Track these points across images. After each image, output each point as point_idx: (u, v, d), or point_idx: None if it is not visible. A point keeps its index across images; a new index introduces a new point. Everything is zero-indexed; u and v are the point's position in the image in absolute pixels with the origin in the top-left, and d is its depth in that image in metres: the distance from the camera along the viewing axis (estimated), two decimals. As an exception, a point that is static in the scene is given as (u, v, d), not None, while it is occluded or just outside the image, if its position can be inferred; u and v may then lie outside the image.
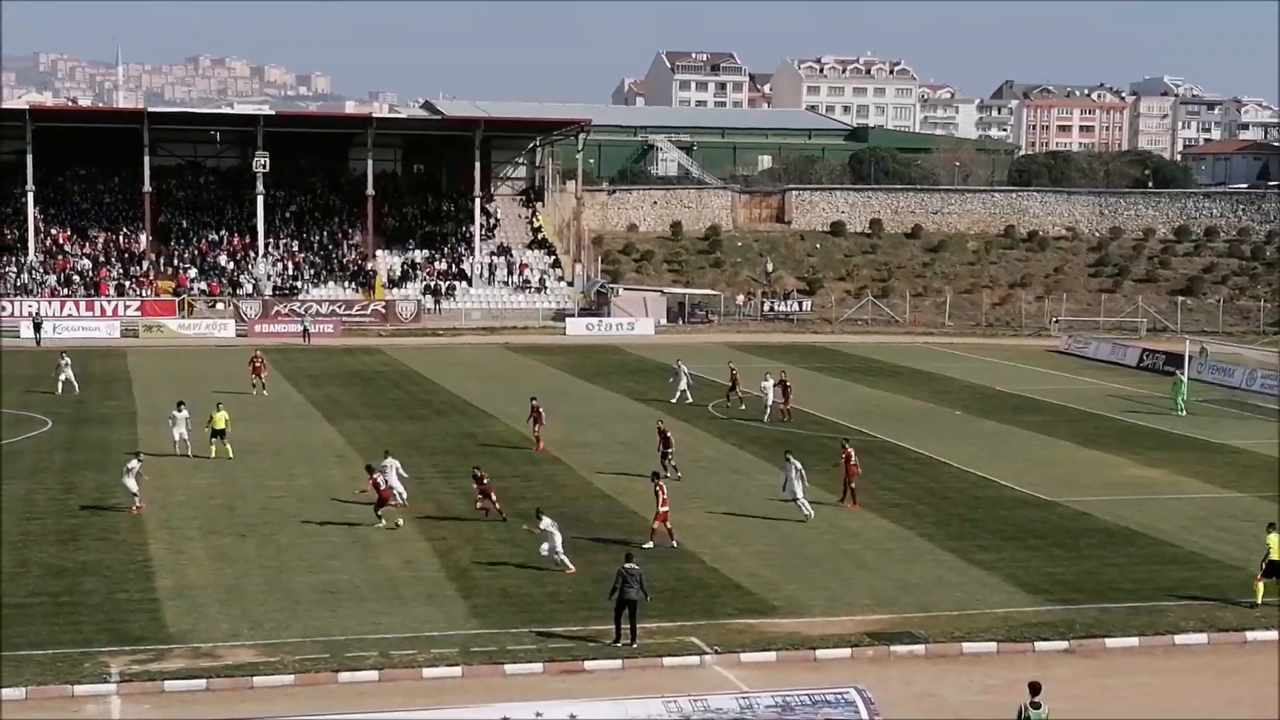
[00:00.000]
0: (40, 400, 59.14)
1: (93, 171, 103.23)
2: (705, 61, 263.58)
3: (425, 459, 47.89)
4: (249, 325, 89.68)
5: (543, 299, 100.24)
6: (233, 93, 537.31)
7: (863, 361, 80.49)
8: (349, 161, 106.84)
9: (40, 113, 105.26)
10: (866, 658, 28.82)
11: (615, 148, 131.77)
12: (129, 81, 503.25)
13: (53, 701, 25.65)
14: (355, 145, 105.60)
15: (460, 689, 26.28)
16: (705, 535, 37.97)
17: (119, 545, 35.73)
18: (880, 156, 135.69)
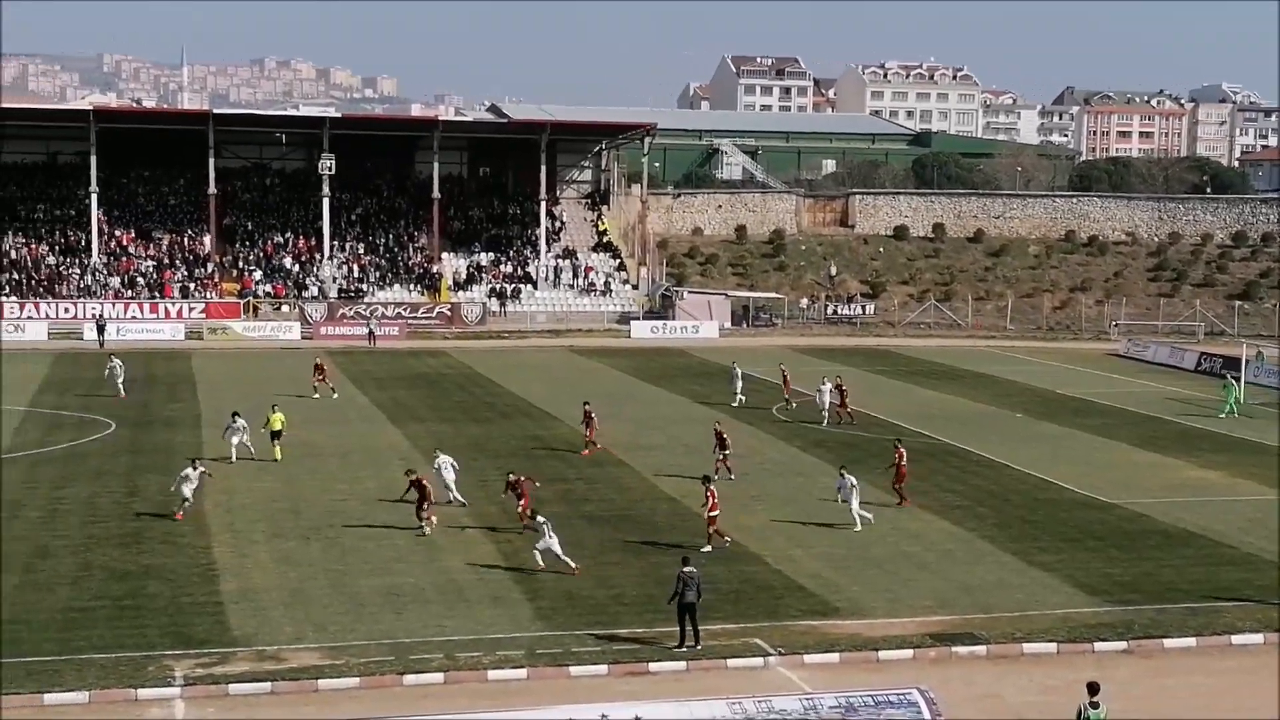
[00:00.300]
0: (103, 403, 59.52)
1: (157, 173, 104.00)
2: (770, 66, 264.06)
3: (490, 461, 47.91)
4: (314, 328, 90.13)
5: (607, 302, 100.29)
6: (298, 95, 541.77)
7: (925, 365, 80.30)
8: (415, 164, 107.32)
9: (104, 114, 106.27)
10: (928, 659, 28.79)
11: (680, 151, 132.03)
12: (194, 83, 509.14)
13: (116, 705, 25.63)
14: (421, 148, 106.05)
15: (525, 691, 26.25)
16: (769, 537, 37.86)
17: (183, 548, 35.78)
18: (943, 161, 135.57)
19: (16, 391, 62.62)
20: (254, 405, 50.65)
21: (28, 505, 40.11)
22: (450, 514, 38.57)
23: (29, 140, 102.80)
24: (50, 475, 44.44)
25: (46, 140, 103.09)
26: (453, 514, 38.35)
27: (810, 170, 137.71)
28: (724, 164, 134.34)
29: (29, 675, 26.41)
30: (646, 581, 33.13)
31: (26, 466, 45.89)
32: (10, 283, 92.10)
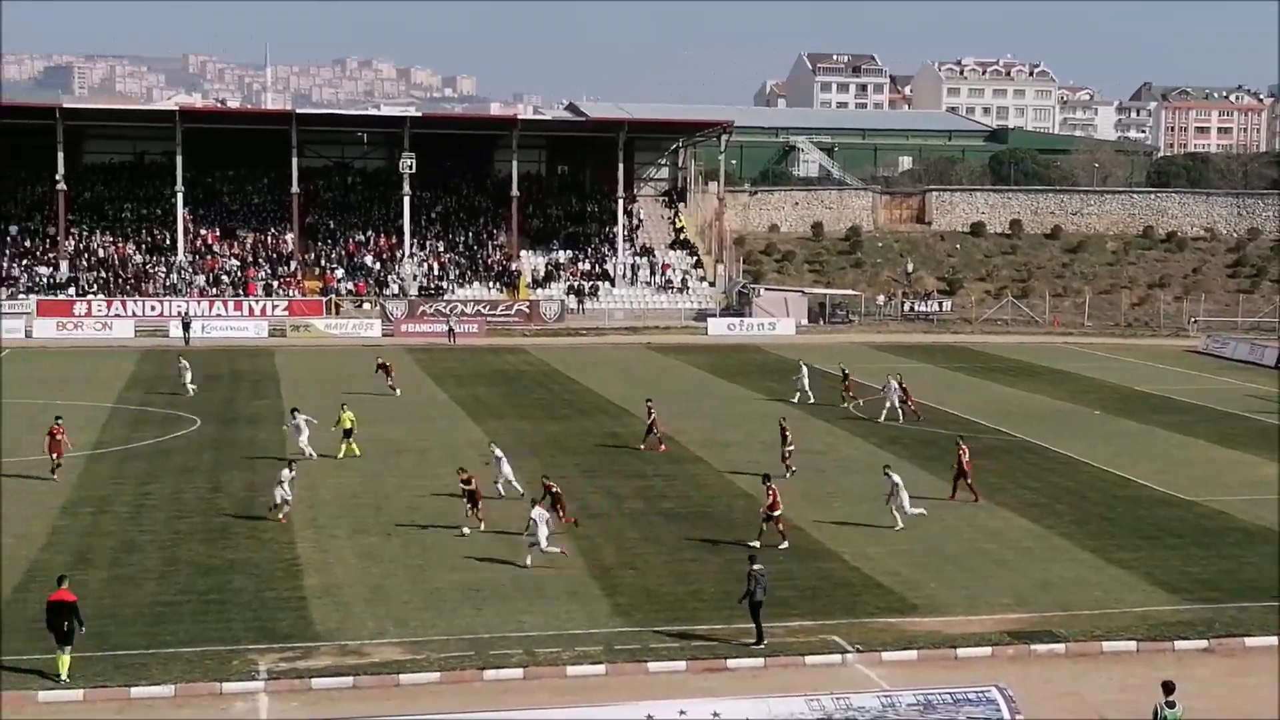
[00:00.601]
0: (188, 400, 60.30)
1: (241, 172, 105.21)
2: (846, 63, 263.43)
3: (568, 458, 48.20)
4: (395, 325, 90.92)
5: (684, 299, 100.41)
6: (379, 94, 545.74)
7: (1002, 361, 79.90)
8: (494, 163, 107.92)
9: (190, 114, 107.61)
10: (1007, 656, 28.75)
11: (757, 149, 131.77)
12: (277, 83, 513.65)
13: (201, 699, 25.94)
14: (500, 147, 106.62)
15: (604, 687, 26.36)
16: (847, 534, 37.88)
17: (267, 544, 36.21)
18: (1020, 158, 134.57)
19: (103, 388, 63.70)
20: (333, 403, 51.10)
21: (115, 501, 40.74)
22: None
23: (117, 140, 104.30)
24: (137, 471, 45.13)
25: (133, 140, 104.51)
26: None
27: (887, 167, 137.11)
28: (800, 161, 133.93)
29: (117, 668, 26.82)
30: (724, 578, 33.24)
31: (114, 463, 46.65)
32: (98, 281, 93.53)
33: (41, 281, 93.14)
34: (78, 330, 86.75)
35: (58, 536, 36.59)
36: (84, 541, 36.25)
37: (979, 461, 48.20)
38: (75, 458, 46.34)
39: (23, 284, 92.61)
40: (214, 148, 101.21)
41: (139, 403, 59.68)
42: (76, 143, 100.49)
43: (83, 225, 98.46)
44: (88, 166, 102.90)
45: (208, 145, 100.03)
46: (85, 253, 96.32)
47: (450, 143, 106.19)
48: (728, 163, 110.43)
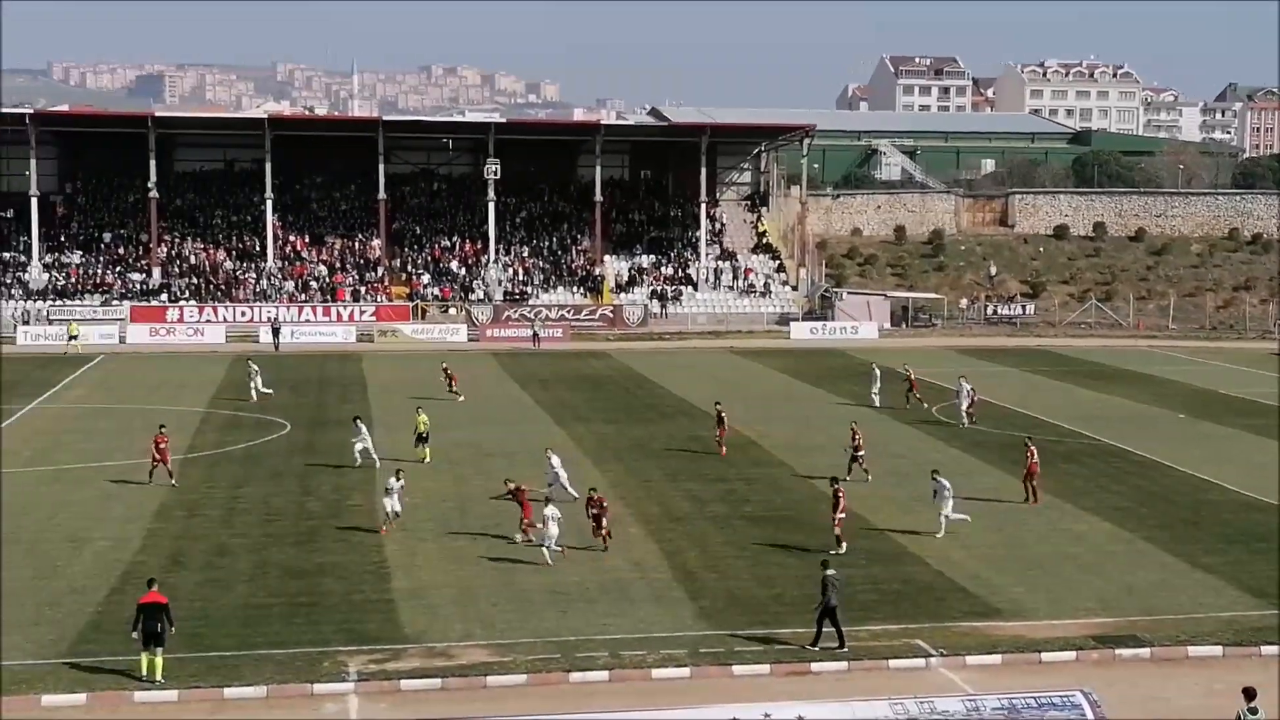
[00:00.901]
0: (279, 405, 60.98)
1: (329, 179, 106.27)
2: (929, 66, 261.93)
3: (652, 462, 48.50)
4: (480, 330, 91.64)
5: (767, 303, 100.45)
6: (464, 101, 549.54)
7: (1086, 365, 79.42)
8: (577, 168, 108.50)
9: (279, 121, 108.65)
10: (1091, 660, 28.70)
11: (839, 152, 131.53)
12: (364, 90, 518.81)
13: (293, 700, 26.24)
14: (584, 152, 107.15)
15: (689, 690, 26.58)
16: (930, 538, 37.86)
17: (356, 547, 36.59)
18: (1103, 160, 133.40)
19: (196, 393, 64.66)
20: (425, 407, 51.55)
21: (208, 504, 41.39)
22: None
23: (207, 148, 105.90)
24: (229, 475, 45.81)
25: (224, 148, 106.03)
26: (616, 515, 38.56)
27: (969, 170, 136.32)
28: (882, 164, 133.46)
29: (210, 669, 27.24)
30: (808, 582, 33.20)
31: (206, 467, 47.36)
32: (190, 287, 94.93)
33: (135, 288, 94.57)
34: (170, 336, 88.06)
35: (151, 540, 37.19)
36: (177, 544, 36.82)
37: (1063, 466, 48.28)
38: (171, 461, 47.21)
39: (117, 290, 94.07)
40: (302, 155, 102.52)
41: (230, 407, 60.46)
42: (168, 151, 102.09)
43: (175, 232, 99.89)
44: (179, 174, 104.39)
45: (296, 152, 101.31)
46: (177, 259, 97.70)
47: (534, 148, 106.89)
48: (810, 166, 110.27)
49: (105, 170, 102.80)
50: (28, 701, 25.63)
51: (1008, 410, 61.28)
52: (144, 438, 51.85)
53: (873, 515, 40.05)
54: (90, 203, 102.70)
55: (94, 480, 44.79)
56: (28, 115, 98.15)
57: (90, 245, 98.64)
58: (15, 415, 57.81)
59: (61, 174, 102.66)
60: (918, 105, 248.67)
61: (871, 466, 47.16)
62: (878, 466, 47.61)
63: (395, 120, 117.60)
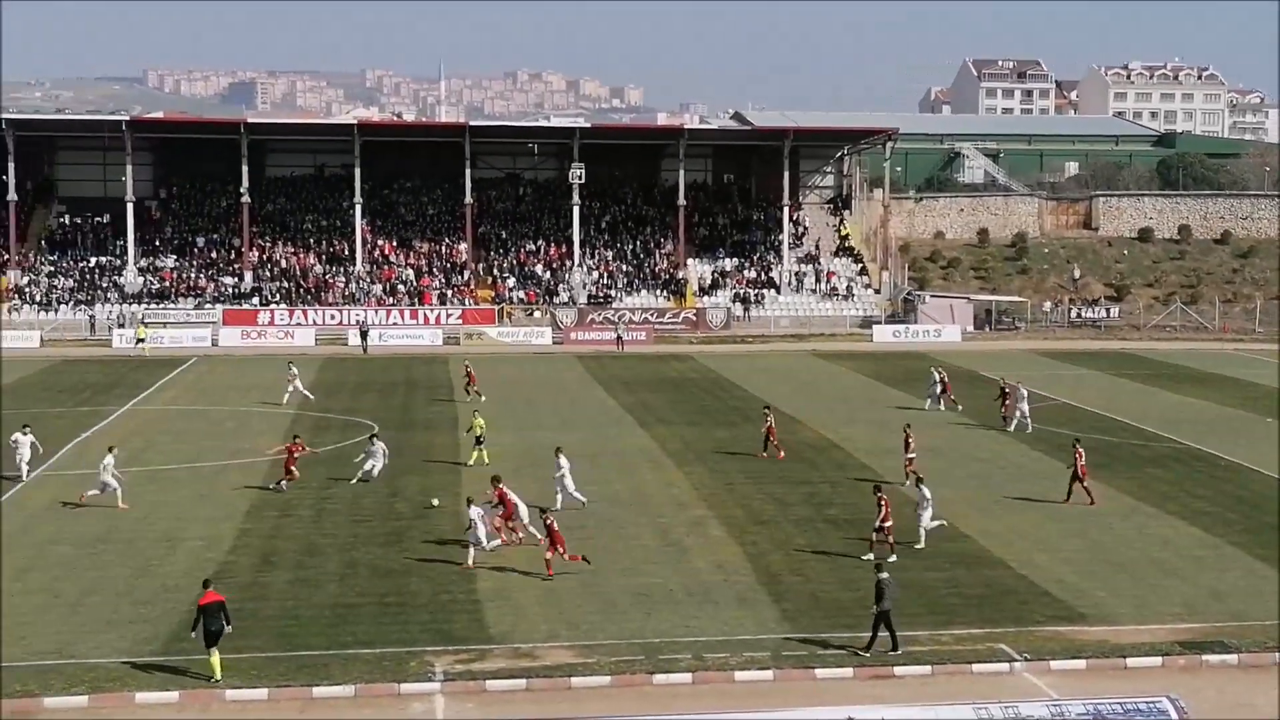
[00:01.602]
0: (368, 406, 61.72)
1: (416, 184, 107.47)
2: (1012, 69, 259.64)
3: (735, 464, 48.58)
4: (564, 333, 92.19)
5: (849, 306, 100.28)
6: (549, 106, 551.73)
7: (1171, 368, 78.75)
8: (661, 172, 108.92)
9: (368, 127, 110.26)
10: (1178, 666, 28.45)
11: (922, 155, 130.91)
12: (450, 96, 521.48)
13: (380, 699, 26.49)
14: (667, 155, 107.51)
15: (772, 693, 26.69)
16: (1012, 541, 37.76)
17: (442, 548, 36.77)
18: (1188, 162, 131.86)
19: (285, 395, 65.43)
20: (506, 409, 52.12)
21: (298, 505, 41.85)
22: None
23: (298, 153, 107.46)
24: (318, 476, 46.20)
25: (314, 153, 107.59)
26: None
27: (1053, 173, 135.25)
28: (965, 167, 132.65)
29: (300, 668, 27.53)
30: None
31: (296, 467, 47.93)
32: (280, 290, 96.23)
33: (227, 291, 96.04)
34: (261, 339, 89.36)
35: (244, 539, 37.70)
36: (268, 544, 37.28)
37: (1148, 470, 47.94)
38: (260, 462, 48.01)
39: (210, 294, 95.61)
40: (391, 160, 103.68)
41: (319, 409, 61.14)
42: (260, 156, 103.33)
43: (266, 236, 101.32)
44: (271, 179, 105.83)
45: (385, 157, 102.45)
46: (268, 263, 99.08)
47: (618, 153, 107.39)
48: (892, 169, 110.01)
49: (199, 175, 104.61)
50: (121, 699, 26.08)
51: (1092, 414, 60.81)
52: (236, 439, 53.12)
53: (957, 519, 39.94)
54: (184, 208, 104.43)
55: (188, 481, 45.44)
56: (124, 122, 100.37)
57: (184, 249, 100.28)
58: (110, 417, 58.79)
59: (157, 179, 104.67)
60: (1000, 108, 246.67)
61: (955, 470, 47.09)
62: (961, 470, 47.57)
63: (481, 125, 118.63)
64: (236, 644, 28.54)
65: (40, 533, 38.33)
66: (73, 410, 60.28)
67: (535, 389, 67.97)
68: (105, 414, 59.13)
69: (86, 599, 32.01)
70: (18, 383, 69.60)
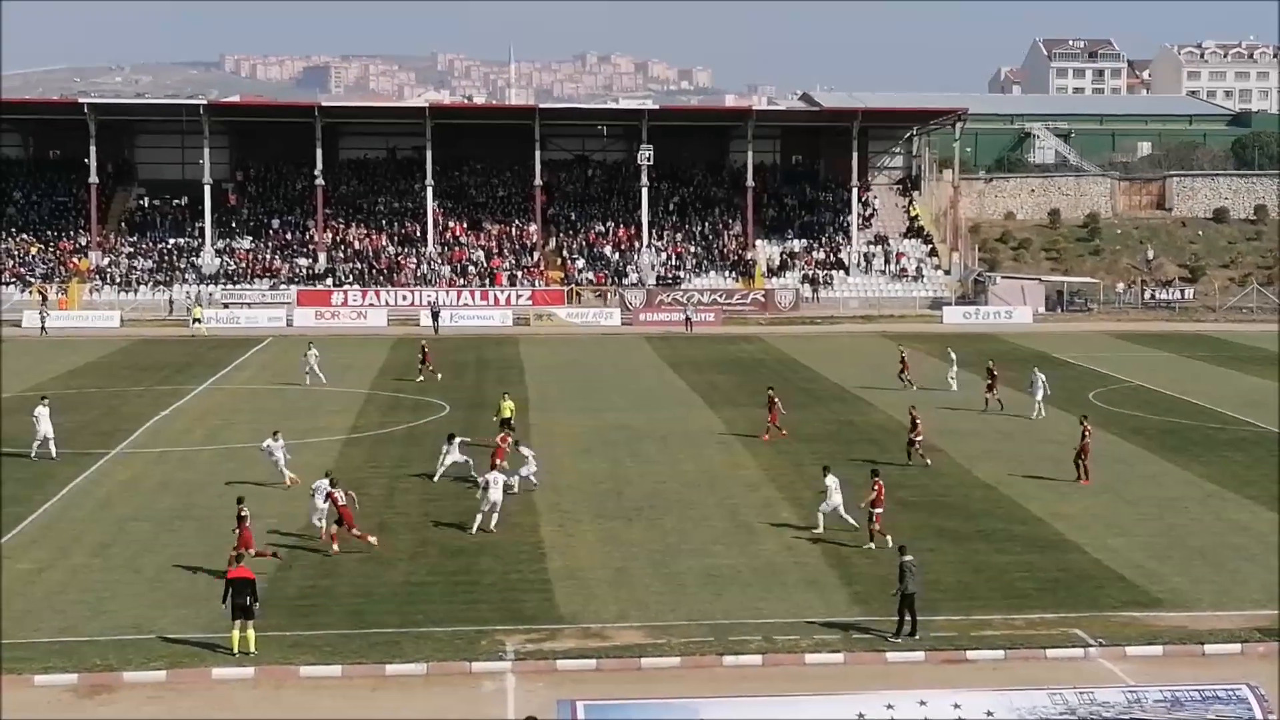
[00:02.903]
0: (440, 386, 61.81)
1: (487, 166, 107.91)
2: (1083, 49, 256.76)
3: (804, 445, 48.39)
4: (633, 314, 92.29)
5: (919, 288, 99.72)
6: (617, 88, 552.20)
7: (1248, 350, 77.66)
8: (729, 153, 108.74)
9: (439, 110, 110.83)
10: (1257, 654, 27.87)
11: (991, 136, 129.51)
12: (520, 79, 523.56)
13: (451, 677, 26.52)
14: (735, 137, 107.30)
15: (842, 676, 26.51)
16: (1087, 525, 37.35)
17: (512, 527, 36.77)
18: (1265, 141, 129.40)
19: (359, 374, 66.25)
20: (576, 389, 52.23)
21: (370, 484, 41.95)
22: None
23: (371, 136, 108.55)
24: (390, 455, 46.66)
25: (386, 136, 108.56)
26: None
27: (1125, 153, 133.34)
28: (1036, 148, 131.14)
29: (372, 646, 27.63)
30: (963, 569, 33.22)
31: (369, 446, 48.39)
32: (353, 272, 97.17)
33: (301, 272, 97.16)
34: (334, 319, 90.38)
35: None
36: (341, 522, 37.75)
37: (1226, 454, 47.24)
38: (332, 442, 48.55)
39: (284, 275, 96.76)
40: (462, 142, 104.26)
41: (392, 389, 61.59)
42: (333, 140, 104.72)
43: (339, 218, 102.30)
44: (344, 162, 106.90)
45: (455, 140, 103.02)
46: (342, 244, 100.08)
47: (687, 134, 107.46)
48: (962, 150, 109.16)
49: (274, 159, 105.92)
50: (198, 674, 26.34)
51: (1166, 396, 60.15)
52: (308, 418, 53.50)
53: (1028, 503, 39.64)
54: (260, 190, 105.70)
55: (264, 459, 45.58)
56: (202, 107, 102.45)
57: (260, 231, 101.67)
58: (189, 394, 59.67)
59: (233, 163, 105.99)
60: (1071, 88, 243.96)
61: (1026, 453, 46.77)
62: (1032, 453, 47.21)
63: (550, 108, 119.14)
64: (311, 620, 28.89)
65: (120, 509, 38.79)
66: (152, 389, 61.10)
67: (604, 370, 68.04)
68: (184, 393, 59.89)
69: (164, 575, 32.34)
70: (99, 361, 71.09)
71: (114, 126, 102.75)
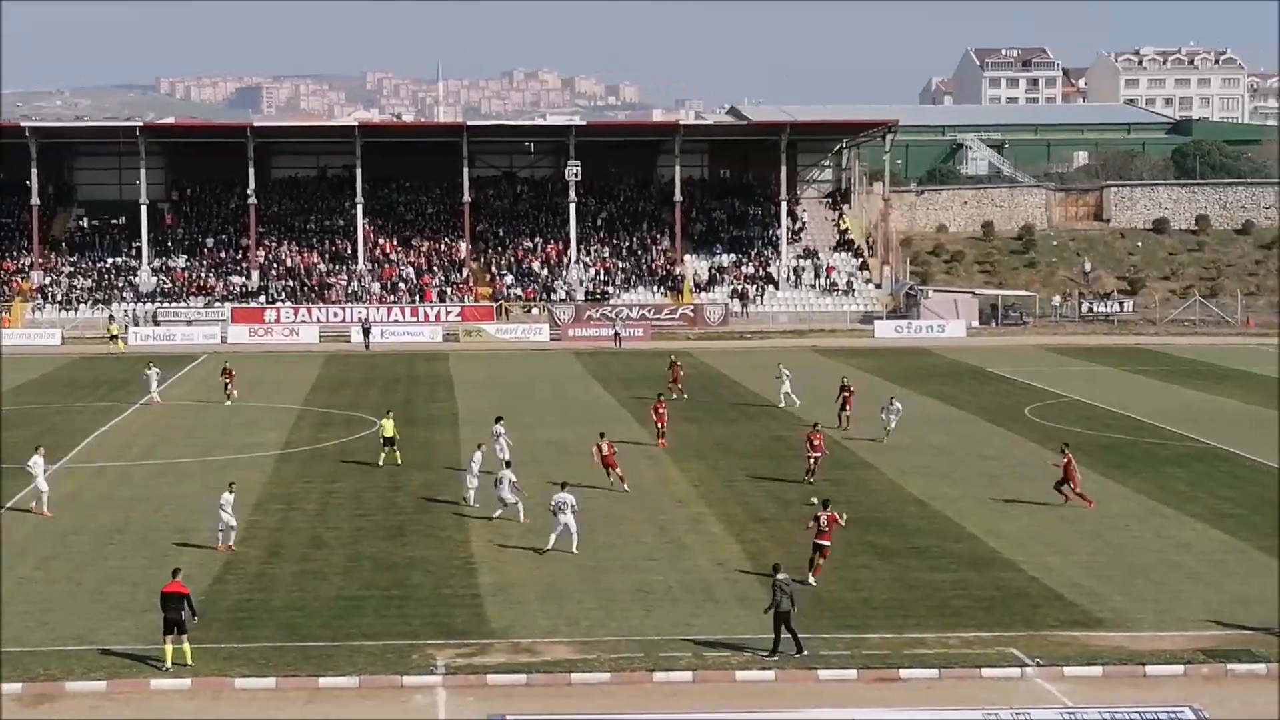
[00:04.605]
0: (371, 402, 61.70)
1: (416, 183, 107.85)
2: (1016, 58, 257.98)
3: (735, 461, 48.18)
4: (562, 329, 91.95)
5: (850, 302, 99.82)
6: (545, 104, 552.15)
7: (1190, 364, 77.47)
8: (657, 168, 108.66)
9: (368, 129, 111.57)
10: (1201, 675, 27.38)
11: (923, 148, 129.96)
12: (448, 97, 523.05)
13: (383, 690, 26.64)
14: (663, 152, 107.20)
15: (773, 693, 26.25)
16: (1025, 543, 37.02)
17: (444, 542, 36.95)
18: (1206, 150, 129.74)
19: (291, 391, 66.38)
20: (509, 405, 51.93)
21: (304, 499, 42.06)
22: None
23: (302, 155, 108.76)
24: (323, 470, 46.50)
25: (317, 155, 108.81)
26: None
27: (1061, 163, 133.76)
28: (969, 159, 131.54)
29: (305, 659, 27.80)
30: (896, 586, 32.91)
31: (301, 462, 48.24)
32: (286, 289, 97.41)
33: (235, 290, 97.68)
34: (268, 336, 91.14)
35: (251, 532, 37.82)
36: (275, 537, 37.60)
37: (1167, 470, 46.94)
38: (264, 457, 48.57)
39: (218, 293, 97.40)
40: (391, 160, 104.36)
41: (324, 405, 61.63)
42: (265, 159, 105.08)
43: (272, 237, 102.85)
44: (276, 181, 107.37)
45: (385, 158, 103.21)
46: (274, 263, 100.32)
47: (614, 149, 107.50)
48: (893, 162, 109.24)
49: (208, 178, 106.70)
50: (137, 685, 26.66)
51: (1106, 411, 60.01)
52: (242, 434, 53.87)
53: (964, 519, 39.40)
54: (195, 210, 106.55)
55: (198, 474, 46.04)
56: (138, 129, 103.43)
57: (195, 250, 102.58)
58: (127, 411, 60.06)
59: (169, 183, 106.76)
60: (1005, 98, 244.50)
61: (962, 469, 46.65)
62: (969, 469, 47.06)
63: (478, 125, 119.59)
64: (246, 633, 29.24)
65: (62, 523, 39.14)
66: (91, 406, 61.75)
67: (533, 385, 67.63)
68: (122, 409, 60.26)
69: (105, 588, 32.62)
70: (41, 379, 71.86)
71: (54, 149, 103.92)
